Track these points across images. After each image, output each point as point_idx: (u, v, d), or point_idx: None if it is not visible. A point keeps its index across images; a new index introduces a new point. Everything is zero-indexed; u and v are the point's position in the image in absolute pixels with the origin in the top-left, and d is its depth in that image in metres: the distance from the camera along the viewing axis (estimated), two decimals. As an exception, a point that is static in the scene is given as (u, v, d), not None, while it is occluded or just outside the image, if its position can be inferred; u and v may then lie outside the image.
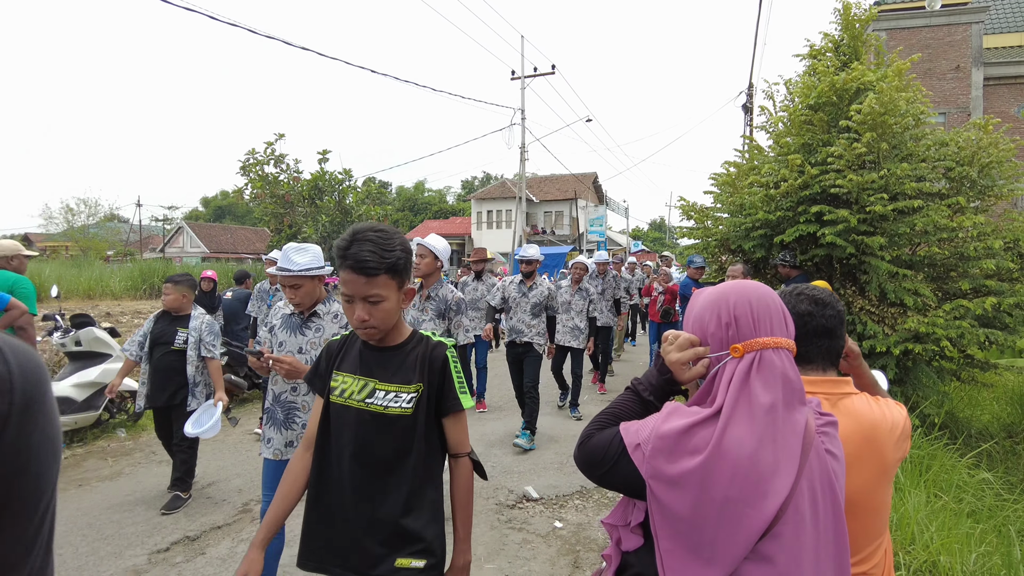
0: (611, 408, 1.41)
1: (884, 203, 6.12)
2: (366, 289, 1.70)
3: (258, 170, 32.46)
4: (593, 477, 1.35)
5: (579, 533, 4.08)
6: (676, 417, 1.27)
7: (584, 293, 7.31)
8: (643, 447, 1.24)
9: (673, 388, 1.41)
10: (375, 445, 1.81)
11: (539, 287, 6.29)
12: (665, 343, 1.40)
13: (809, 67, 8.19)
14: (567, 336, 7.21)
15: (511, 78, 23.02)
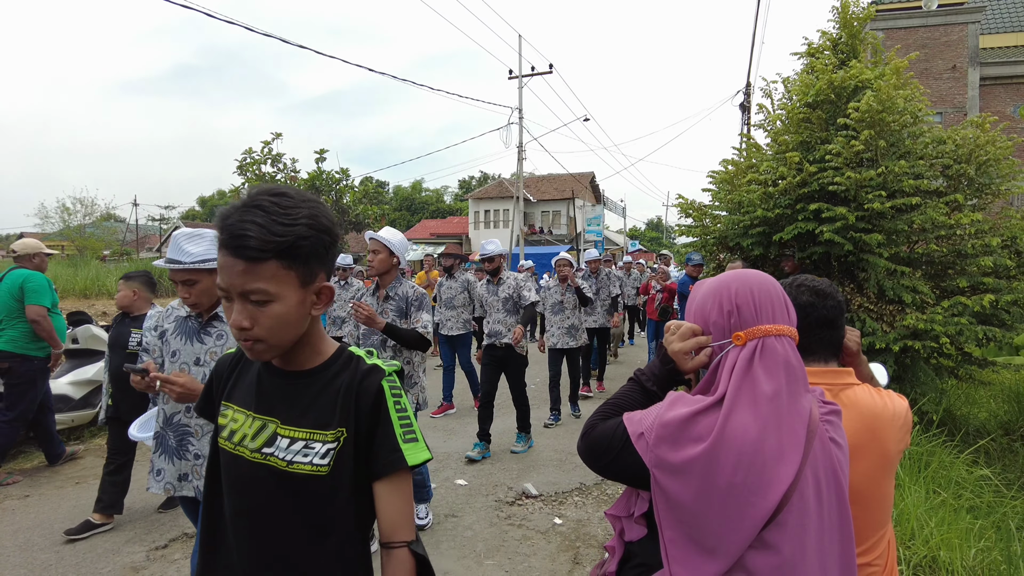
0: (614, 399, 1.41)
1: (882, 201, 6.13)
2: (245, 281, 1.13)
3: (255, 170, 32.41)
4: (597, 467, 1.34)
5: (579, 529, 4.08)
6: (679, 405, 1.27)
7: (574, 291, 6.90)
8: (646, 436, 1.23)
9: (676, 378, 1.41)
10: (275, 519, 1.23)
11: (506, 281, 5.86)
12: (667, 333, 1.40)
13: (807, 65, 8.19)
14: (564, 337, 6.85)
15: (509, 77, 23.00)
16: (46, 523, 4.16)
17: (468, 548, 3.79)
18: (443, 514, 4.28)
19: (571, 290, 6.88)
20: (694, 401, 1.28)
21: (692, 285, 7.53)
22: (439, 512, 4.30)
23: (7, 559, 3.66)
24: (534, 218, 39.93)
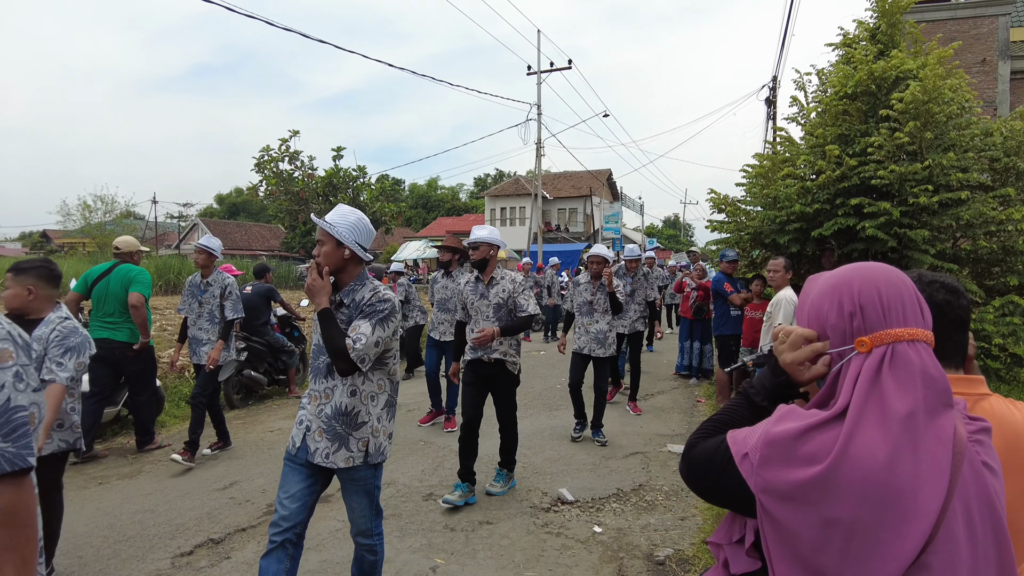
0: (719, 415, 1.25)
1: (929, 195, 5.88)
2: None
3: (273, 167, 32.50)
4: (698, 490, 1.20)
5: (620, 539, 3.89)
6: (789, 420, 1.08)
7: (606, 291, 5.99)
8: (751, 456, 1.07)
9: (790, 391, 1.22)
10: None
11: (499, 283, 4.53)
12: (776, 342, 1.21)
13: (843, 56, 7.92)
14: (591, 343, 5.98)
15: (527, 73, 22.80)
16: (68, 526, 4.02)
17: (507, 558, 3.61)
18: (477, 521, 4.11)
19: (603, 290, 6.02)
20: (807, 415, 1.09)
21: (727, 283, 7.36)
22: (473, 519, 4.13)
23: (30, 564, 3.53)
24: (550, 216, 39.67)
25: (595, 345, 5.98)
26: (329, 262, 2.58)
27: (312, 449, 2.58)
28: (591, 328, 6.03)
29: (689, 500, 4.53)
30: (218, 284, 5.50)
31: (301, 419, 2.65)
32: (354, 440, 2.57)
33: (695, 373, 8.76)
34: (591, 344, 6.00)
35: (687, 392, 8.27)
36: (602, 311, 6.02)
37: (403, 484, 4.78)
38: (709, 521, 4.13)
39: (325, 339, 2.51)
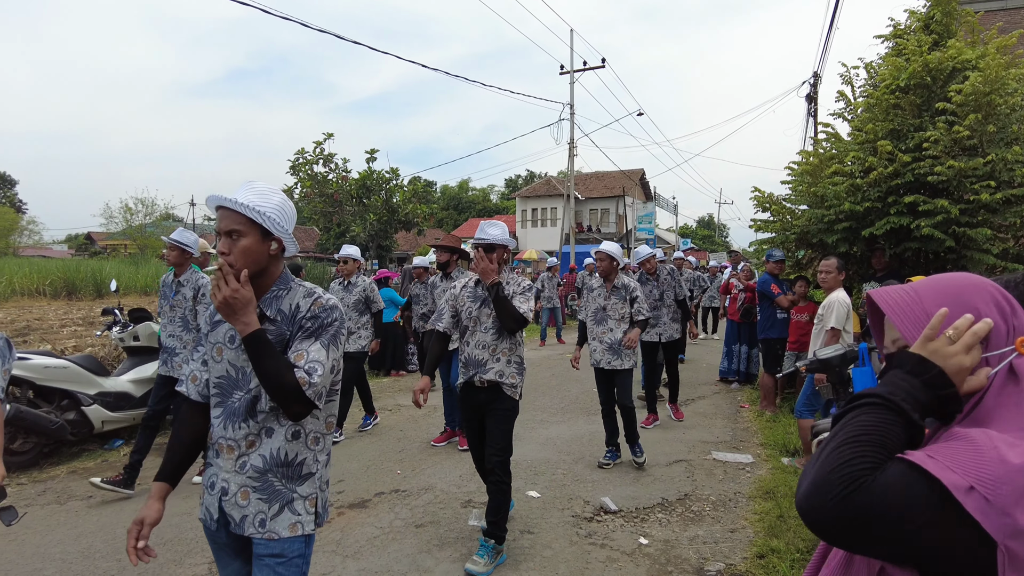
0: (863, 433, 0.91)
1: (991, 191, 5.57)
2: None
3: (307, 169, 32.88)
4: (860, 541, 0.87)
5: (668, 551, 3.72)
6: (1015, 444, 0.85)
7: (623, 292, 5.32)
8: (984, 490, 0.81)
9: (952, 407, 0.97)
10: None
11: (511, 286, 3.65)
12: (926, 340, 0.97)
13: (893, 48, 7.61)
14: (607, 355, 5.29)
15: (560, 72, 22.60)
16: (108, 528, 4.03)
17: (550, 570, 3.47)
18: (518, 529, 3.98)
19: (618, 294, 5.34)
20: None
21: (773, 284, 7.11)
22: (514, 527, 4.00)
23: (69, 567, 3.52)
24: (582, 216, 39.41)
25: (611, 356, 5.26)
26: (249, 261, 1.82)
27: (238, 518, 1.84)
28: (606, 338, 5.31)
29: (737, 511, 4.34)
30: (191, 285, 4.76)
31: (212, 482, 1.91)
32: (299, 499, 1.88)
33: (741, 378, 8.50)
34: (607, 356, 5.28)
35: (729, 397, 8.02)
36: (617, 318, 5.30)
37: (441, 490, 4.67)
38: (760, 534, 3.94)
39: (263, 373, 1.76)
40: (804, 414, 5.12)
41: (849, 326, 5.01)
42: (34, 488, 4.76)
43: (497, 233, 3.67)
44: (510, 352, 3.68)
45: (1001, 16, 18.60)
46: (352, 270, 6.40)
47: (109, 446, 5.77)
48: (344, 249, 6.52)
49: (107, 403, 5.71)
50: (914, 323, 1.00)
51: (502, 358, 3.65)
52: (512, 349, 3.69)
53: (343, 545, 3.77)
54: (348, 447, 5.83)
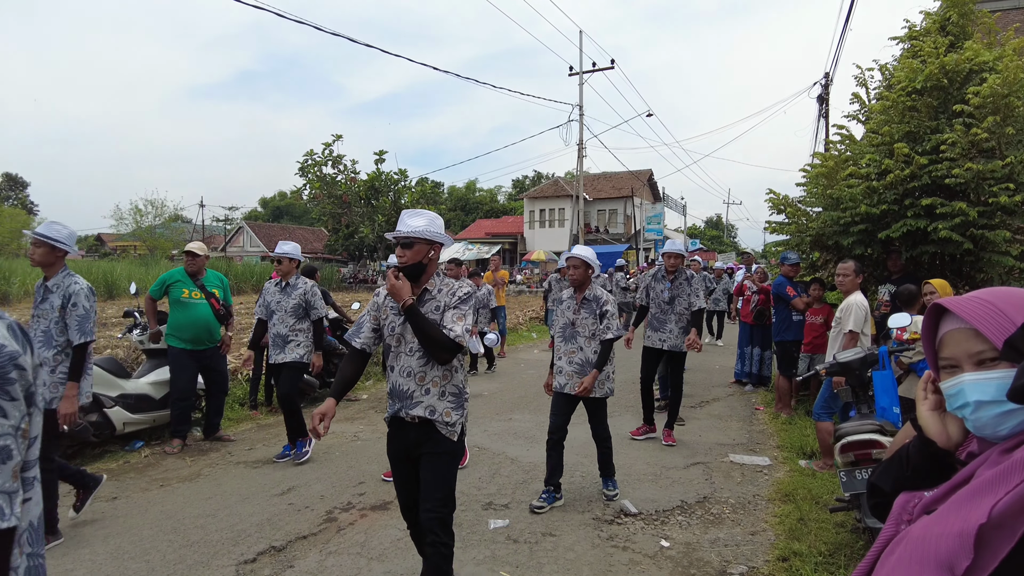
0: None
1: (1010, 194, 5.56)
2: None
3: (316, 171, 32.98)
4: None
5: (690, 554, 3.73)
6: None
7: (594, 305, 4.55)
8: None
9: None
10: None
11: (436, 296, 2.91)
12: None
13: (908, 50, 7.60)
14: (575, 379, 4.51)
15: (569, 74, 22.66)
16: (134, 529, 4.07)
17: (574, 572, 3.50)
18: (540, 532, 4.00)
19: (588, 307, 4.56)
20: None
21: (789, 286, 7.10)
22: (535, 530, 4.03)
23: (99, 568, 3.57)
24: (590, 217, 39.39)
25: (579, 380, 4.48)
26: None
27: None
28: (575, 358, 4.53)
29: (757, 514, 4.35)
30: (61, 292, 3.95)
31: None
32: None
33: (754, 380, 8.49)
34: (575, 380, 4.51)
35: (744, 399, 8.02)
36: (588, 335, 4.53)
37: (461, 491, 4.66)
38: (781, 536, 3.95)
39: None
40: (822, 417, 5.12)
41: (867, 329, 5.01)
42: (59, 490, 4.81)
43: (420, 224, 2.82)
44: (443, 381, 2.88)
45: (1015, 16, 18.51)
46: (289, 270, 5.62)
47: (130, 447, 5.83)
48: (280, 247, 5.69)
49: (128, 405, 5.77)
50: (1004, 333, 1.01)
51: (432, 389, 2.86)
52: (446, 378, 2.89)
53: (368, 547, 3.80)
54: (366, 449, 5.87)
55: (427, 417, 2.84)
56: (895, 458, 1.27)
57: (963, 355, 1.07)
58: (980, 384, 1.04)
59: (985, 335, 1.03)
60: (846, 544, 3.75)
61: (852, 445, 3.55)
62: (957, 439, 1.16)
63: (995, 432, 1.04)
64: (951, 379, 1.09)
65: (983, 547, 0.89)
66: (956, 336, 1.09)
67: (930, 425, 1.19)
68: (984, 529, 0.89)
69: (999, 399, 1.01)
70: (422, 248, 2.85)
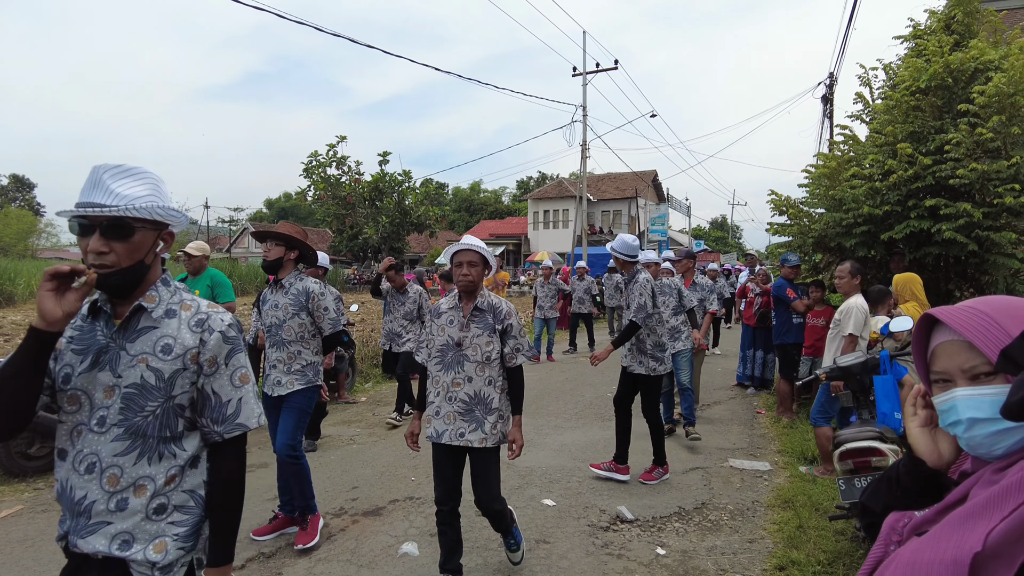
0: None
1: (1016, 194, 5.46)
2: None
3: (321, 172, 33.02)
4: None
5: (686, 562, 3.66)
6: None
7: (491, 317, 3.24)
8: None
9: None
10: None
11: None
12: None
13: (913, 49, 7.50)
14: (459, 422, 3.20)
15: (573, 74, 22.58)
16: (123, 534, 4.02)
17: (566, 581, 3.43)
18: (533, 539, 3.93)
19: (480, 320, 3.24)
20: None
21: (789, 288, 7.01)
22: (529, 537, 3.96)
23: None
24: (594, 218, 39.31)
25: (464, 425, 3.17)
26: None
27: None
28: (460, 392, 3.18)
29: (756, 521, 4.27)
30: None
31: None
32: None
33: (756, 384, 8.40)
34: (459, 423, 3.17)
35: (745, 403, 7.93)
36: (482, 359, 3.18)
37: (455, 497, 4.64)
38: (780, 544, 3.87)
39: None
40: (820, 421, 5.03)
41: (866, 333, 4.92)
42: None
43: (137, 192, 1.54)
44: None
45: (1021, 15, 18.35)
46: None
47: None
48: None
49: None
50: (999, 346, 0.94)
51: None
52: None
53: (358, 554, 3.74)
54: (361, 453, 5.81)
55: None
56: (884, 477, 1.20)
57: (956, 369, 1.00)
58: (974, 400, 0.97)
59: (979, 348, 0.96)
60: (845, 553, 3.66)
61: (851, 452, 3.47)
62: (949, 458, 1.09)
63: (990, 451, 0.97)
64: (943, 394, 1.02)
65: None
66: (949, 348, 1.02)
67: (920, 443, 1.11)
68: (979, 558, 0.83)
69: (994, 416, 0.94)
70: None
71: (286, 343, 3.91)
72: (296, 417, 3.89)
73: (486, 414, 3.19)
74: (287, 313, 3.90)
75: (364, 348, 10.23)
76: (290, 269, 3.99)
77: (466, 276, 3.19)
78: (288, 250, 3.94)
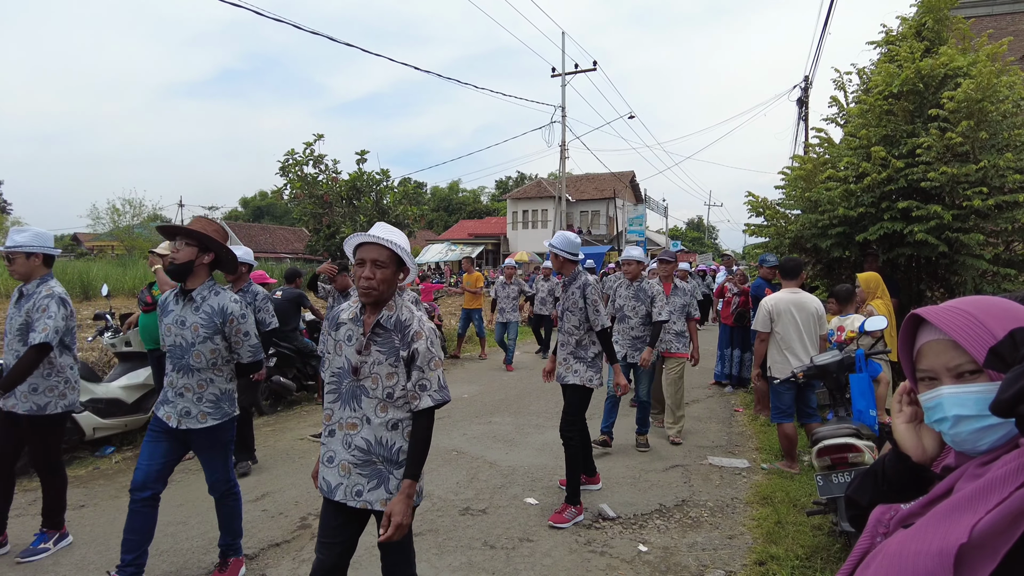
0: None
1: (983, 197, 5.62)
2: None
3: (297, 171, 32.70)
4: None
5: (667, 559, 3.71)
6: None
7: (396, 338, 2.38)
8: None
9: None
10: None
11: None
12: None
13: (885, 54, 7.67)
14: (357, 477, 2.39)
15: (551, 75, 22.68)
16: (101, 539, 3.97)
17: (550, 579, 3.46)
18: (517, 537, 3.96)
19: (384, 340, 2.39)
20: None
21: (767, 288, 7.12)
22: (512, 535, 3.98)
23: (63, 578, 3.46)
24: (573, 218, 39.48)
25: (362, 480, 2.38)
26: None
27: None
28: (355, 438, 2.38)
29: (735, 517, 4.34)
30: None
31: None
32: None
33: (733, 382, 8.52)
34: (354, 479, 2.38)
35: (723, 401, 8.04)
36: (383, 396, 2.37)
37: (438, 497, 4.64)
38: (759, 540, 3.94)
39: None
40: (779, 419, 5.14)
41: (779, 328, 5.01)
42: (25, 497, 4.68)
43: None
44: None
45: (988, 22, 18.82)
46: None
47: (100, 453, 5.70)
48: None
49: (98, 409, 5.63)
50: (984, 345, 0.98)
51: None
52: None
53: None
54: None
55: None
56: (871, 471, 1.24)
57: (941, 367, 1.04)
58: (959, 397, 1.01)
59: (964, 347, 1.01)
60: (823, 547, 3.75)
61: (828, 449, 3.55)
62: (933, 453, 1.13)
63: (974, 447, 1.01)
64: (929, 392, 1.07)
65: (963, 568, 0.86)
66: (934, 347, 1.06)
67: (905, 439, 1.16)
68: (964, 549, 0.86)
69: (979, 413, 0.98)
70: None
71: (194, 370, 3.19)
72: (221, 452, 3.36)
73: (392, 468, 2.37)
74: (197, 336, 3.15)
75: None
76: (203, 277, 3.23)
77: (368, 280, 2.34)
78: (202, 252, 3.19)
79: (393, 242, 2.34)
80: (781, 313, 4.97)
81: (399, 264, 2.40)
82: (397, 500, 2.25)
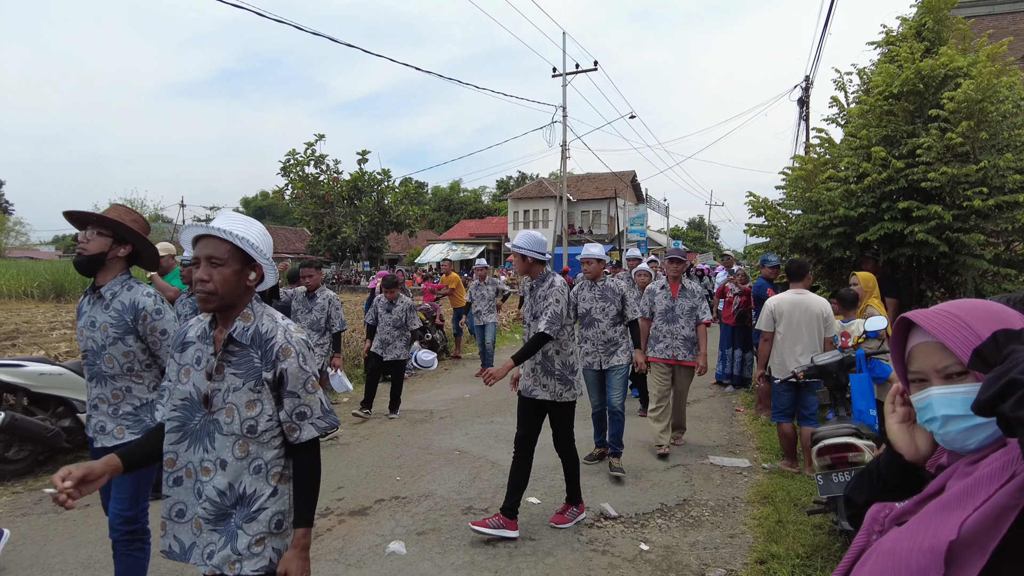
0: None
1: (984, 198, 5.64)
2: None
3: (299, 171, 32.74)
4: None
5: (669, 557, 3.74)
6: None
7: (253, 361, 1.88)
8: None
9: None
10: None
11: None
12: None
13: (886, 55, 7.69)
14: None
15: (552, 75, 22.72)
16: (92, 543, 3.97)
17: (553, 578, 3.49)
18: (520, 536, 3.99)
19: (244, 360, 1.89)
20: None
21: (769, 288, 7.14)
22: (515, 534, 4.01)
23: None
24: (573, 218, 39.51)
25: (215, 538, 1.87)
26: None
27: None
28: (206, 487, 1.87)
29: (736, 516, 4.37)
30: None
31: None
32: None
33: (734, 382, 8.54)
34: (206, 536, 1.89)
35: (724, 401, 8.07)
36: (241, 431, 1.86)
37: (441, 496, 4.67)
38: (760, 539, 3.97)
39: None
40: (779, 418, 5.17)
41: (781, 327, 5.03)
42: (30, 497, 4.71)
43: None
44: None
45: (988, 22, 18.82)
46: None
47: (104, 453, 5.73)
48: None
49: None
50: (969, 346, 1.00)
51: None
52: None
53: (345, 553, 3.76)
54: (346, 453, 5.82)
55: None
56: (867, 471, 1.27)
57: (930, 369, 1.07)
58: (947, 398, 1.03)
59: (951, 349, 1.03)
60: (823, 546, 3.77)
61: (828, 448, 3.58)
62: (926, 452, 1.16)
63: (964, 446, 1.04)
64: (919, 393, 1.09)
65: (955, 564, 0.89)
66: (924, 349, 1.09)
67: (899, 438, 1.18)
68: (955, 546, 0.89)
69: (966, 413, 1.00)
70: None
71: (107, 377, 2.75)
72: (134, 479, 2.75)
73: (244, 521, 1.86)
74: (106, 337, 2.71)
75: (346, 348, 10.20)
76: (115, 272, 2.77)
77: (204, 283, 1.85)
78: (116, 244, 2.75)
79: (231, 232, 1.85)
80: (784, 314, 5.00)
81: (245, 261, 1.89)
82: (290, 556, 1.84)
